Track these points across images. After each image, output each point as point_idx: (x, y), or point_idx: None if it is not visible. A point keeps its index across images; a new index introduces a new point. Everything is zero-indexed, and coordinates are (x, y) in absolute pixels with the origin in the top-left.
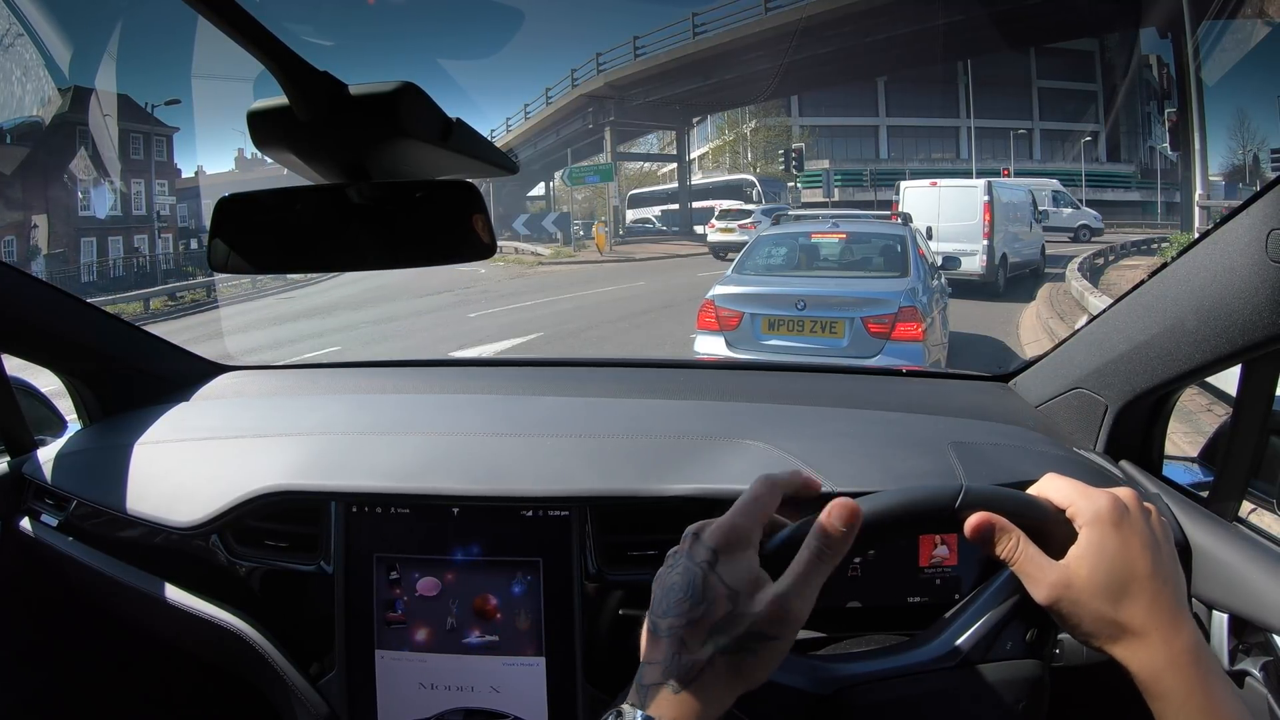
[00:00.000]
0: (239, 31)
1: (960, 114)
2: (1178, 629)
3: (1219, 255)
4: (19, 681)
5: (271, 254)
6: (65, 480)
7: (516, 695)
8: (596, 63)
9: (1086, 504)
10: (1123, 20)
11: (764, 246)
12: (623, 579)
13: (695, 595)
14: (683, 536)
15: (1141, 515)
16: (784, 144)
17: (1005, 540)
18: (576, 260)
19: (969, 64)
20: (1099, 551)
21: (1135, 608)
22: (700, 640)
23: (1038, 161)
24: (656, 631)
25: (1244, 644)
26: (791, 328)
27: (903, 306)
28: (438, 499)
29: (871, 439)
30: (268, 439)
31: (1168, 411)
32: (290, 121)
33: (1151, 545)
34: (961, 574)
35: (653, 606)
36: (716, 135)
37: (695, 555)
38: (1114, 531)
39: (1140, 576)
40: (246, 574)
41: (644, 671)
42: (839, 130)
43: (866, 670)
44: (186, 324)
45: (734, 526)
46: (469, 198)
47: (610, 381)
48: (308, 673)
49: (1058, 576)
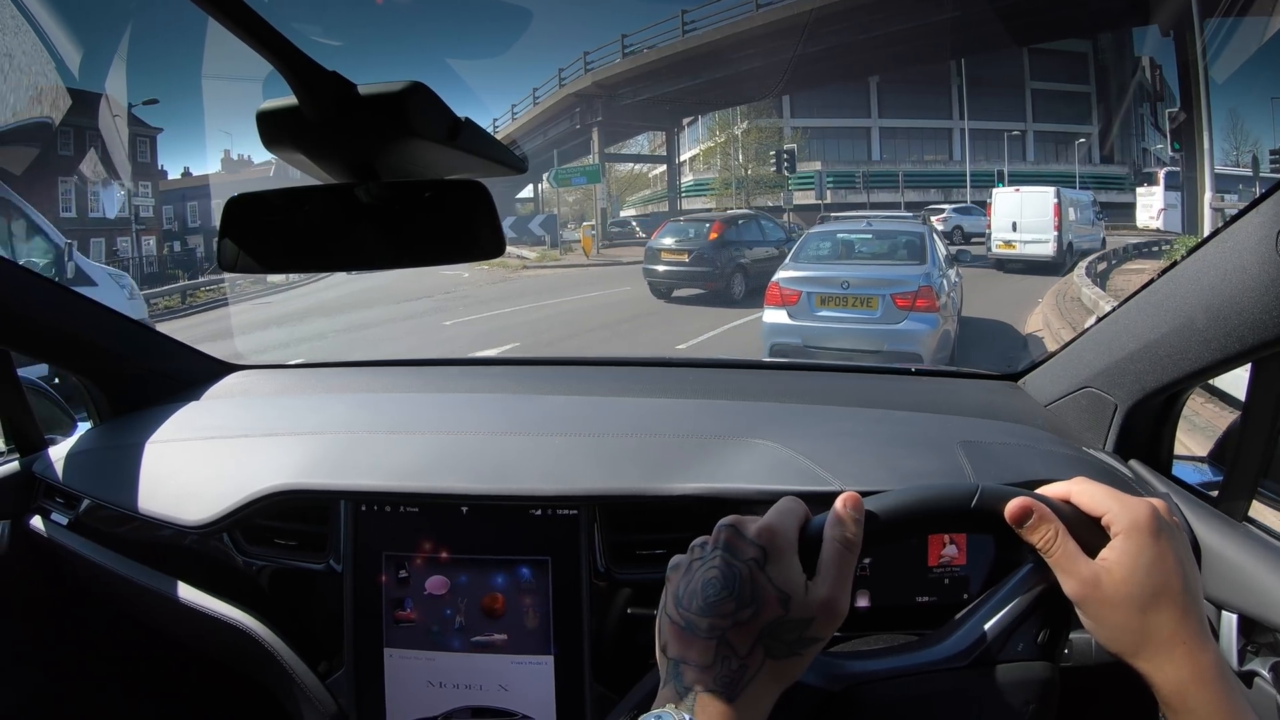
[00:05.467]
0: (249, 33)
1: (953, 115)
2: (1204, 645)
3: (1229, 254)
4: (29, 678)
5: (281, 254)
6: (75, 479)
7: (524, 694)
8: (584, 61)
9: (1124, 511)
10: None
11: (813, 241)
12: (631, 578)
13: (742, 595)
14: (716, 529)
15: (1176, 530)
16: (775, 145)
17: (1045, 529)
18: (562, 264)
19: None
20: (1134, 558)
21: (1163, 619)
22: (748, 643)
23: (1031, 163)
24: (694, 630)
25: (1252, 644)
26: (837, 303)
27: (921, 286)
28: (446, 498)
29: (880, 438)
30: (277, 438)
31: (1177, 411)
32: (299, 121)
33: (1185, 560)
34: (970, 574)
35: (681, 600)
36: (707, 137)
37: (740, 552)
38: (1151, 541)
39: (1172, 590)
40: (256, 572)
41: (683, 672)
42: (831, 132)
43: (877, 668)
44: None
45: (783, 528)
46: (478, 197)
47: (617, 380)
48: (316, 671)
49: (1090, 573)
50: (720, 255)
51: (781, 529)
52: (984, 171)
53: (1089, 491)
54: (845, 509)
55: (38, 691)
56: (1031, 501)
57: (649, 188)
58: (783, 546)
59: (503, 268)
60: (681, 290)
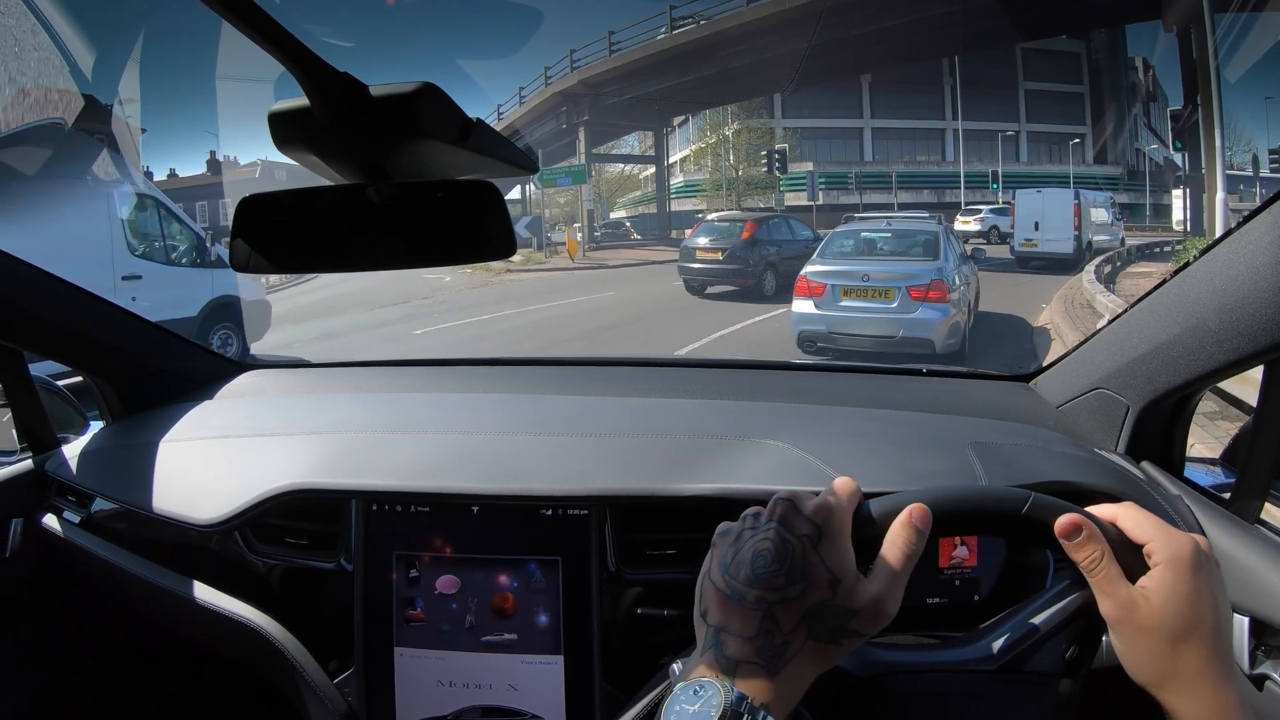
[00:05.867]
0: (260, 34)
1: (946, 116)
2: (1229, 684)
3: (1242, 254)
4: (40, 675)
5: (292, 254)
6: (88, 477)
7: (534, 693)
8: (570, 59)
9: (1168, 542)
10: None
11: (838, 239)
12: (641, 578)
13: (793, 571)
14: (772, 501)
15: (1215, 568)
16: (766, 145)
17: (1093, 548)
18: (546, 267)
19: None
20: (1172, 590)
21: (1192, 655)
22: (792, 620)
23: (1024, 164)
24: (740, 600)
25: (1264, 646)
26: (858, 294)
27: (934, 279)
28: (457, 498)
29: (890, 439)
30: (288, 437)
31: (1189, 412)
32: (311, 122)
33: (1220, 598)
34: (980, 575)
35: (728, 568)
36: (698, 137)
37: (795, 528)
38: (1191, 575)
39: (1204, 626)
40: (267, 571)
41: (724, 640)
42: (823, 132)
43: (908, 660)
44: None
45: (839, 509)
46: (489, 197)
47: (627, 381)
48: (326, 669)
49: (1129, 598)
50: (752, 253)
51: (838, 510)
52: (977, 172)
53: (1136, 518)
54: (915, 519)
55: (49, 688)
56: (1083, 519)
57: (640, 189)
58: (837, 529)
59: (486, 271)
60: (715, 287)
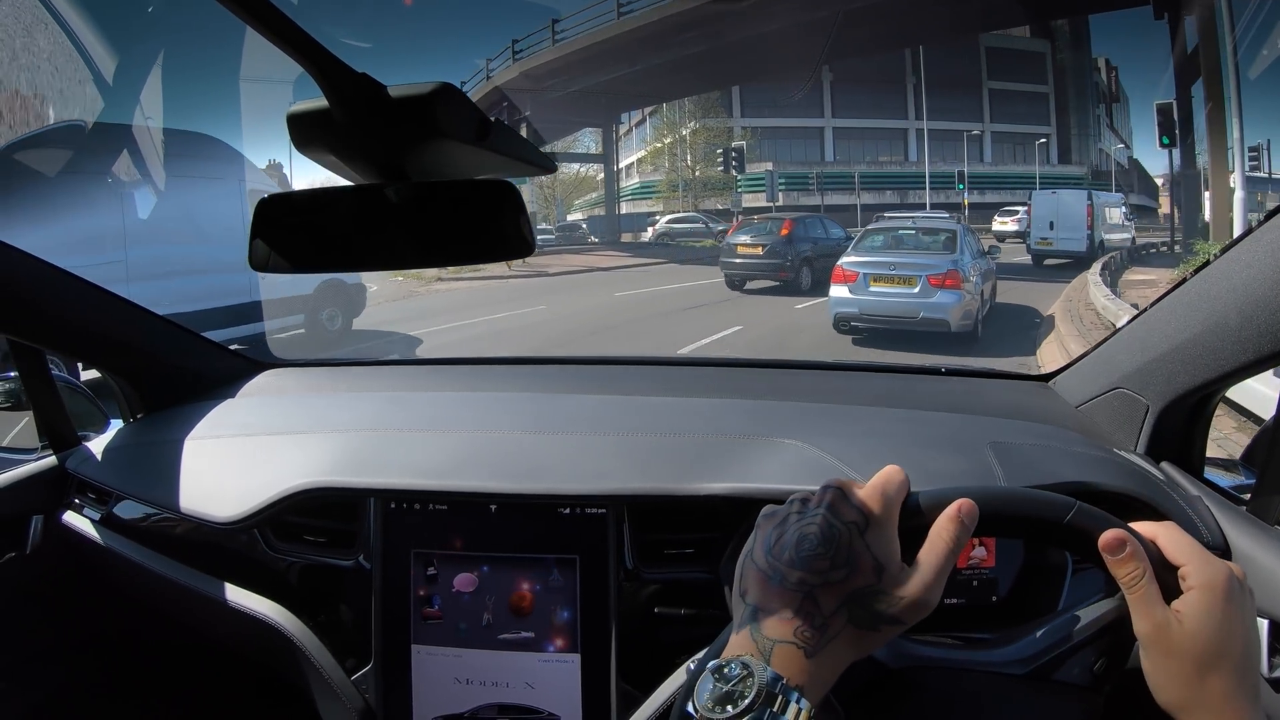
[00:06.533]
0: (279, 36)
1: (909, 115)
2: (1253, 714)
3: (1262, 252)
4: (59, 671)
5: (311, 254)
6: (107, 475)
7: (551, 691)
8: (512, 50)
9: (1204, 567)
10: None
11: (870, 234)
12: (658, 576)
13: (838, 556)
14: (822, 488)
15: (1249, 597)
16: (724, 145)
17: (1135, 565)
18: (480, 275)
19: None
20: (1205, 616)
21: (1218, 682)
22: (833, 604)
23: (989, 164)
24: (781, 581)
25: None
26: (886, 281)
27: (949, 269)
28: (475, 496)
29: (908, 438)
30: (307, 435)
31: (1209, 413)
32: (329, 123)
33: (1251, 629)
34: (998, 576)
35: (771, 549)
36: (655, 138)
37: (842, 513)
38: (1224, 603)
39: (1233, 654)
40: (285, 569)
41: (761, 620)
42: (783, 132)
43: (939, 656)
44: None
45: (888, 499)
46: (506, 197)
47: (644, 380)
48: (344, 667)
49: (1164, 618)
50: (790, 250)
51: (886, 499)
52: (942, 173)
53: (1175, 540)
54: (964, 514)
55: (69, 684)
56: (1128, 536)
57: (596, 190)
58: (885, 518)
59: (417, 279)
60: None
